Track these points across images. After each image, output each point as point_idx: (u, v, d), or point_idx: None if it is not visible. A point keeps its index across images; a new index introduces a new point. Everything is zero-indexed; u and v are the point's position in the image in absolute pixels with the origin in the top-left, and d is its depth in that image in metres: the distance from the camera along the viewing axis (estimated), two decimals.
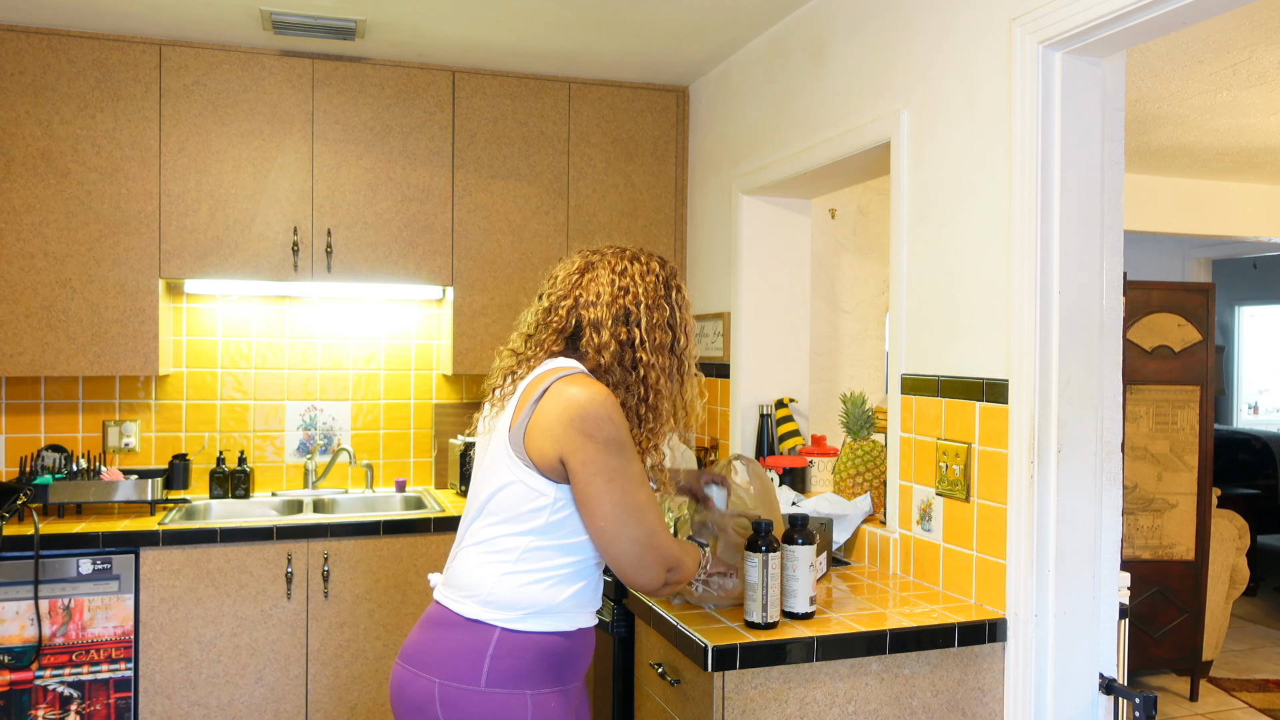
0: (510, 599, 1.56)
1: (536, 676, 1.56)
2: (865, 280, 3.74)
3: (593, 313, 1.64)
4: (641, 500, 1.55)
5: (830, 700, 1.95)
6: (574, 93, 3.74)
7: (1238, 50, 3.12)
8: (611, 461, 1.53)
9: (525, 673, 1.55)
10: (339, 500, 3.63)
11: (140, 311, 3.29)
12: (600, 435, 1.52)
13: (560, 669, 1.60)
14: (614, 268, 1.67)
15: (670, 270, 1.73)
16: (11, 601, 2.92)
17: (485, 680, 1.53)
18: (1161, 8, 1.78)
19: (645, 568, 1.56)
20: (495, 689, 1.53)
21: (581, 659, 1.67)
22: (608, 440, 1.52)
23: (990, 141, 2.17)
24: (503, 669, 1.54)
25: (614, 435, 1.53)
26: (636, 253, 1.72)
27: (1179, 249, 6.88)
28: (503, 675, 1.53)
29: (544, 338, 1.66)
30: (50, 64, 3.20)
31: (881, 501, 2.68)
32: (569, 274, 1.70)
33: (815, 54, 2.95)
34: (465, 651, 1.55)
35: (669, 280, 1.71)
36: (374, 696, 3.23)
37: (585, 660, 1.68)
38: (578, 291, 1.67)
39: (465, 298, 3.61)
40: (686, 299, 1.73)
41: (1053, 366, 2.03)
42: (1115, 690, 2.06)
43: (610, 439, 1.53)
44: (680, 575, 1.64)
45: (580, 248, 1.78)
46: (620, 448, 1.54)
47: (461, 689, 1.54)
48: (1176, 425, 4.16)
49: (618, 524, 1.53)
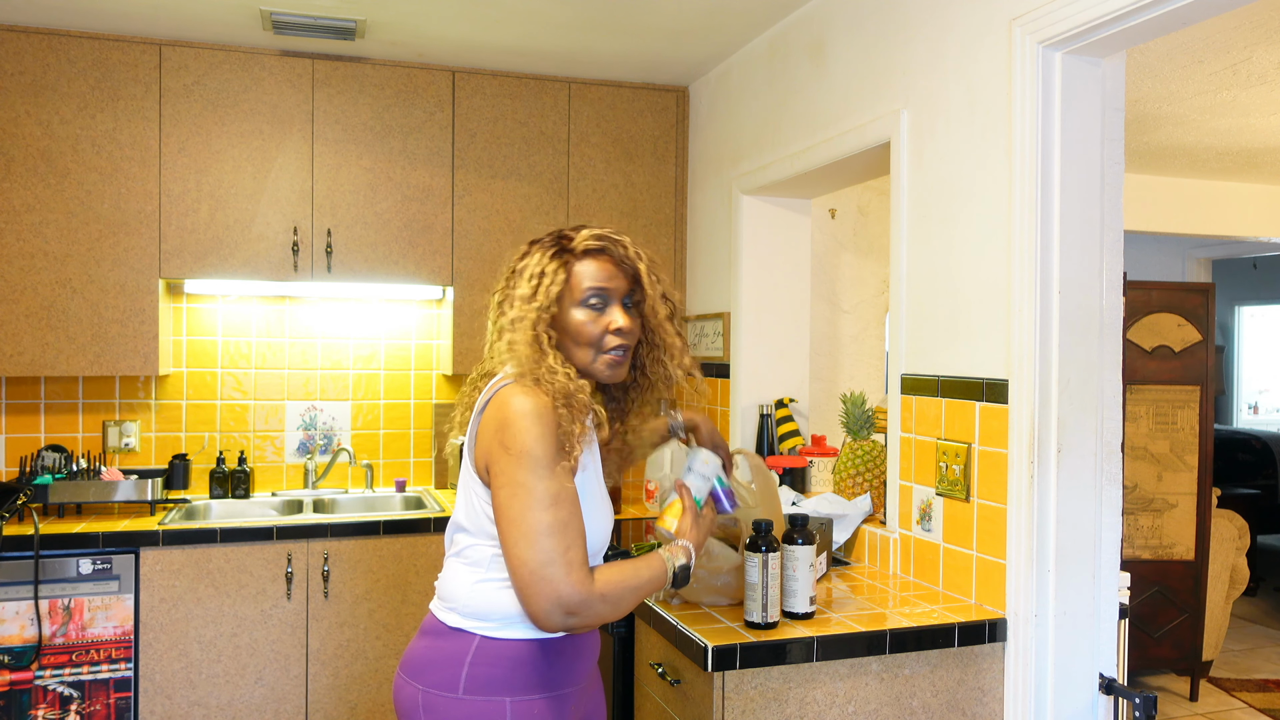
0: (485, 608, 1.56)
1: (516, 683, 1.54)
2: (865, 280, 3.73)
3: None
4: (537, 522, 1.44)
5: (830, 700, 1.95)
6: (574, 93, 3.74)
7: (1238, 50, 3.12)
8: (517, 475, 1.46)
9: (503, 680, 1.53)
10: (339, 500, 3.63)
11: (140, 311, 3.29)
12: (514, 446, 1.47)
13: (546, 675, 1.57)
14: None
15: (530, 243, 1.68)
16: (11, 601, 2.92)
17: (463, 688, 1.53)
18: (1161, 8, 1.78)
19: (531, 598, 1.43)
20: (473, 696, 1.53)
21: (572, 664, 1.61)
22: (520, 453, 1.46)
23: (990, 142, 2.17)
24: (480, 676, 1.53)
25: (527, 448, 1.46)
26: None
27: (1179, 249, 6.88)
28: (480, 682, 1.53)
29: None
30: (50, 64, 3.20)
31: (881, 501, 2.68)
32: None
33: (815, 54, 2.95)
34: (445, 659, 1.56)
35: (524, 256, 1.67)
36: (374, 696, 3.23)
37: (580, 665, 1.63)
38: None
39: (465, 298, 3.61)
40: (524, 263, 1.65)
41: (1053, 366, 2.03)
42: (1115, 690, 2.06)
43: (522, 452, 1.46)
44: (584, 619, 1.46)
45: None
46: (531, 462, 1.45)
47: (442, 696, 1.55)
48: (1176, 425, 4.16)
49: (509, 542, 1.46)
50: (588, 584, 1.45)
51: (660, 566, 1.57)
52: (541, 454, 1.46)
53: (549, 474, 1.46)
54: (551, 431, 1.48)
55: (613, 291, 1.60)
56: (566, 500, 1.47)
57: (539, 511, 1.44)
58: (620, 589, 1.50)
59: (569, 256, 1.61)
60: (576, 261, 1.60)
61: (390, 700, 3.25)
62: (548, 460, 1.46)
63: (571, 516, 1.47)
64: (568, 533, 1.45)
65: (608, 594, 1.48)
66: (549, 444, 1.47)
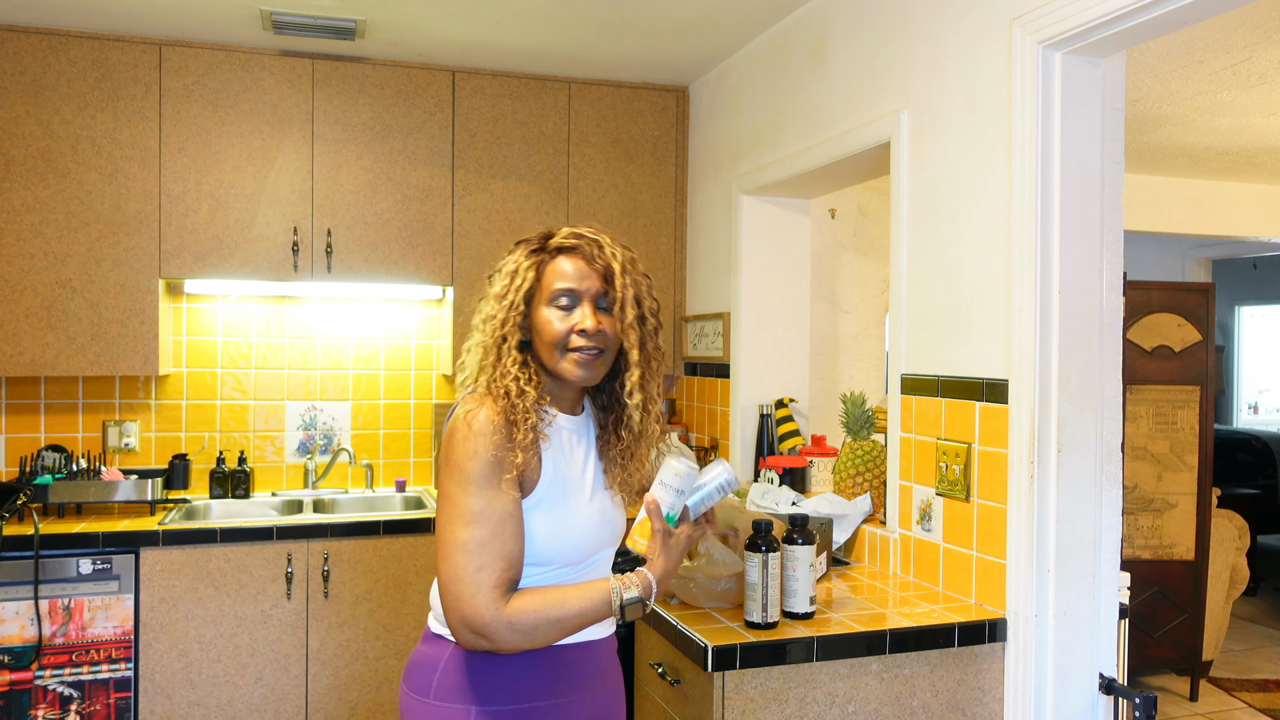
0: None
1: (484, 693, 1.51)
2: (865, 280, 3.74)
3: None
4: (453, 538, 1.43)
5: (830, 700, 1.95)
6: (574, 93, 3.74)
7: (1238, 50, 3.11)
8: (447, 487, 1.46)
9: (470, 688, 1.51)
10: (339, 500, 3.63)
11: (140, 311, 3.29)
12: (450, 459, 1.47)
13: (517, 687, 1.52)
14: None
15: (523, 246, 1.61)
16: (11, 601, 2.91)
17: (433, 693, 1.53)
18: (1161, 8, 1.78)
19: (446, 610, 1.44)
20: (440, 701, 1.52)
21: (557, 676, 1.55)
22: (452, 465, 1.46)
23: (990, 142, 2.17)
24: (449, 682, 1.52)
25: (458, 461, 1.45)
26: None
27: (1179, 249, 6.87)
28: (448, 689, 1.52)
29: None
30: (50, 64, 3.20)
31: (881, 501, 2.68)
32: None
33: (815, 54, 2.95)
34: (424, 664, 1.57)
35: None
36: (374, 696, 3.23)
37: (563, 677, 1.56)
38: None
39: (465, 298, 3.61)
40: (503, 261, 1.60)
41: (1053, 366, 2.03)
42: (1115, 690, 2.06)
43: (454, 464, 1.46)
44: (494, 643, 1.42)
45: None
46: (460, 476, 1.44)
47: (416, 699, 1.55)
48: (1176, 425, 4.16)
49: (437, 551, 1.46)
50: (494, 608, 1.41)
51: (601, 598, 1.47)
52: (472, 469, 1.44)
53: (475, 490, 1.44)
54: (488, 447, 1.45)
55: (583, 292, 1.54)
56: (490, 519, 1.44)
57: (457, 527, 1.44)
58: (535, 619, 1.43)
59: (544, 255, 1.57)
60: (550, 260, 1.56)
61: (390, 700, 3.25)
62: (476, 476, 1.44)
63: (492, 537, 1.43)
64: (483, 553, 1.42)
65: (518, 623, 1.42)
66: (482, 460, 1.44)
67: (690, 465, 1.51)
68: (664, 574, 1.51)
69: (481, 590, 1.41)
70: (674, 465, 1.50)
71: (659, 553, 1.50)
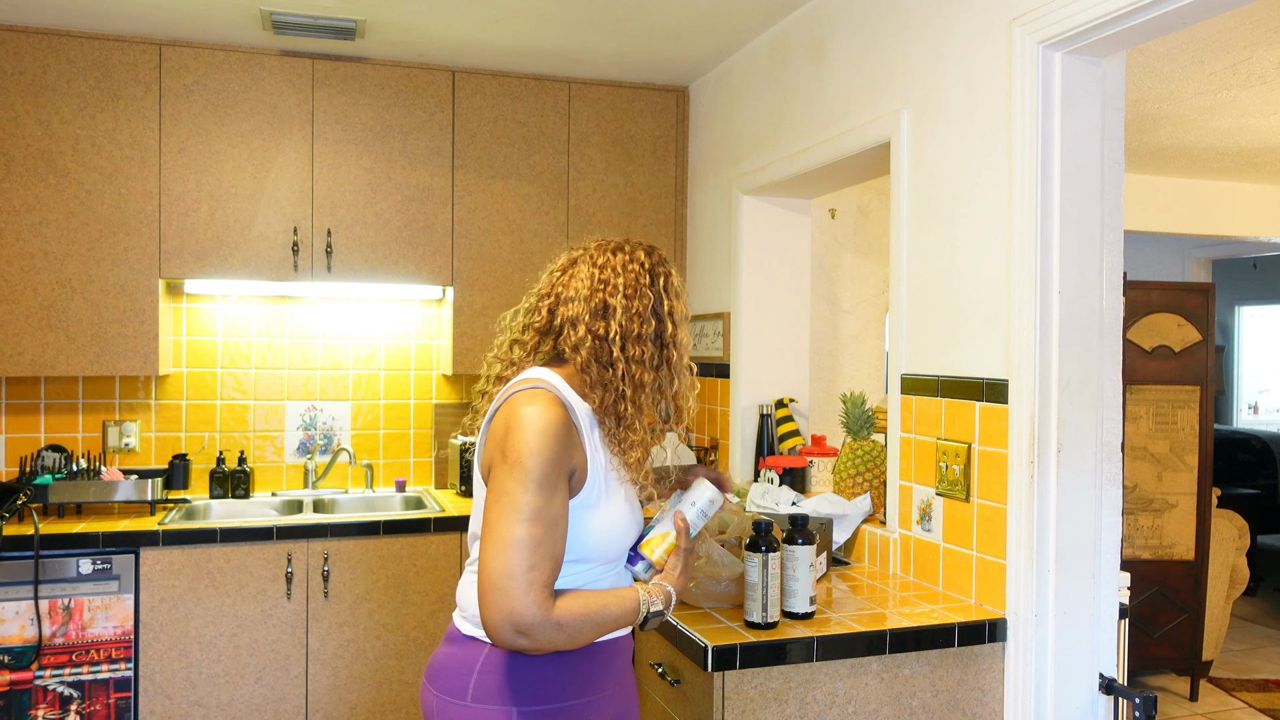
0: None
1: (523, 693, 1.52)
2: (865, 280, 3.74)
3: (570, 309, 1.57)
4: (510, 534, 1.40)
5: (830, 700, 1.95)
6: (574, 93, 3.74)
7: (1238, 50, 3.11)
8: (505, 483, 1.43)
9: (510, 689, 1.52)
10: (339, 500, 3.63)
11: (140, 311, 3.29)
12: (511, 455, 1.44)
13: (555, 686, 1.54)
14: (595, 261, 1.60)
15: (658, 258, 1.64)
16: (11, 601, 2.91)
17: (471, 695, 1.53)
18: (1161, 8, 1.78)
19: (486, 608, 1.40)
20: (479, 704, 1.52)
21: (587, 673, 1.57)
22: (514, 462, 1.43)
23: (990, 142, 2.17)
24: (488, 685, 1.52)
25: (522, 458, 1.43)
26: (622, 243, 1.63)
27: (1179, 249, 6.87)
28: (488, 691, 1.52)
29: (526, 339, 1.64)
30: (50, 64, 3.20)
31: (881, 501, 2.68)
32: (552, 271, 1.65)
33: (815, 54, 2.95)
34: (457, 666, 1.56)
35: (655, 268, 1.61)
36: (374, 696, 3.23)
37: (597, 674, 1.59)
38: (558, 289, 1.61)
39: (465, 298, 3.61)
40: (677, 286, 1.62)
41: (1053, 366, 2.03)
42: (1115, 690, 2.06)
43: (516, 461, 1.43)
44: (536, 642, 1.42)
45: (571, 244, 1.70)
46: (522, 473, 1.42)
47: (451, 702, 1.54)
48: (1176, 425, 4.16)
49: (482, 548, 1.43)
50: (544, 607, 1.41)
51: (632, 606, 1.51)
52: (534, 467, 1.43)
53: (536, 488, 1.43)
54: (552, 446, 1.44)
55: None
56: (547, 519, 1.43)
57: (515, 524, 1.41)
58: (579, 620, 1.45)
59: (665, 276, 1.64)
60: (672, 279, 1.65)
61: (390, 700, 3.25)
62: (539, 475, 1.43)
63: (547, 536, 1.42)
64: (538, 551, 1.41)
65: (564, 623, 1.43)
66: (545, 459, 1.44)
67: (718, 494, 1.67)
68: (683, 589, 1.59)
69: (534, 589, 1.40)
70: (707, 492, 1.65)
71: (681, 570, 1.59)
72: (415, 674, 3.27)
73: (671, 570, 1.58)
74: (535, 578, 1.40)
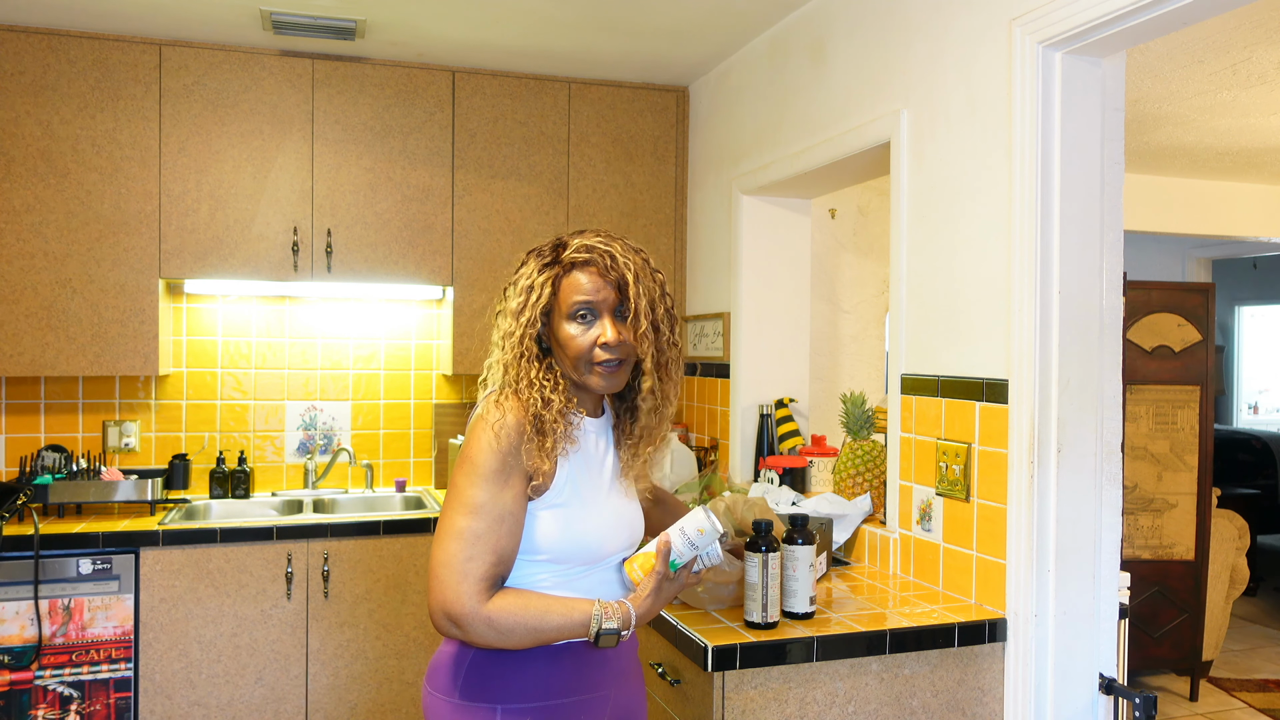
0: None
1: (509, 691, 1.53)
2: (865, 280, 3.74)
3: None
4: (451, 525, 1.47)
5: (830, 700, 1.95)
6: (574, 93, 3.74)
7: (1238, 50, 3.11)
8: (456, 477, 1.51)
9: (496, 687, 1.53)
10: (339, 500, 3.63)
11: (140, 311, 3.29)
12: (466, 451, 1.51)
13: (543, 685, 1.54)
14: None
15: (554, 247, 1.61)
16: (11, 601, 2.91)
17: (459, 692, 1.54)
18: (1161, 8, 1.78)
19: (431, 594, 1.46)
20: (467, 701, 1.53)
21: (579, 674, 1.57)
22: (467, 457, 1.50)
23: (990, 142, 2.17)
24: (475, 682, 1.54)
25: (474, 455, 1.49)
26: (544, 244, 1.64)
27: (1179, 249, 6.87)
28: (474, 688, 1.53)
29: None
30: (50, 64, 3.20)
31: (881, 501, 2.68)
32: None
33: (815, 54, 2.95)
34: (449, 664, 1.58)
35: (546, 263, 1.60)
36: (374, 696, 3.23)
37: (590, 675, 1.58)
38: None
39: (465, 298, 3.61)
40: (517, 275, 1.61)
41: (1053, 366, 2.03)
42: (1115, 690, 2.06)
43: (469, 456, 1.50)
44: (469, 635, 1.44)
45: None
46: (470, 468, 1.49)
47: (440, 699, 1.57)
48: (1176, 425, 4.16)
49: (434, 539, 1.50)
50: (476, 600, 1.44)
51: (580, 619, 1.49)
52: (482, 463, 1.48)
53: (482, 483, 1.48)
54: (505, 446, 1.48)
55: (600, 304, 1.56)
56: (492, 514, 1.47)
57: (458, 515, 1.47)
58: (512, 622, 1.45)
59: (558, 269, 1.59)
60: (565, 274, 1.58)
61: (390, 700, 3.25)
62: (486, 471, 1.48)
63: (490, 531, 1.46)
64: (478, 544, 1.45)
65: (496, 621, 1.44)
66: (495, 455, 1.48)
67: (715, 525, 1.55)
68: (646, 613, 1.55)
69: (467, 580, 1.44)
70: (700, 520, 1.55)
71: (649, 592, 1.54)
72: (415, 674, 3.27)
73: (640, 590, 1.56)
74: (471, 569, 1.45)
